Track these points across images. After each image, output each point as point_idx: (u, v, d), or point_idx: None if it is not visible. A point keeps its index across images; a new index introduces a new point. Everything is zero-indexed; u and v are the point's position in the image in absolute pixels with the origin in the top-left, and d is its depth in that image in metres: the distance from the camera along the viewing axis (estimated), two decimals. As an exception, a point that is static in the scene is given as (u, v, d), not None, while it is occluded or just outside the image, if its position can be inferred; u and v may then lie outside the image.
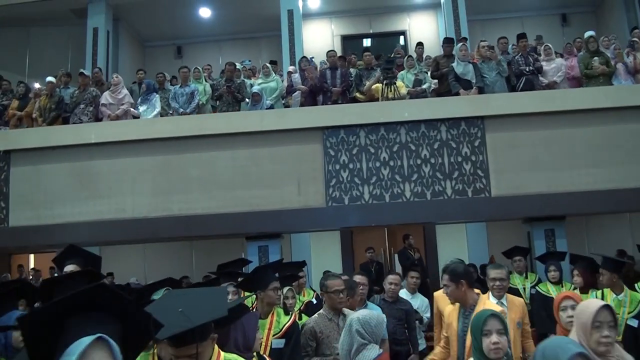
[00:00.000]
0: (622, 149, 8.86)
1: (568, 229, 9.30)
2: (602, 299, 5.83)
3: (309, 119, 9.00)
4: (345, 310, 4.71)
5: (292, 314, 4.83)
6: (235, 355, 3.05)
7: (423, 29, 16.17)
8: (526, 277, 8.05)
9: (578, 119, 8.93)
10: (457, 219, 9.17)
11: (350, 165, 8.96)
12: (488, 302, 4.49)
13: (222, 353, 2.92)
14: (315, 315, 4.73)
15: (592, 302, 3.08)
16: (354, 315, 3.68)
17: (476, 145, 8.95)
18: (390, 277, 6.83)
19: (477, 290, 4.62)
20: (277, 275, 4.84)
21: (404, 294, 7.23)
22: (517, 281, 7.88)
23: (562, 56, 10.96)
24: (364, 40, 16.74)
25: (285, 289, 5.59)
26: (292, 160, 8.99)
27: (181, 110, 10.15)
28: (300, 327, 5.18)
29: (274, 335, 4.56)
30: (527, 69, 10.28)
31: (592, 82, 9.91)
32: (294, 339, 4.60)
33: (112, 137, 9.27)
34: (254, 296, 4.70)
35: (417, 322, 7.08)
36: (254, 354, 3.53)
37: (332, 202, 8.87)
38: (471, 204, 8.77)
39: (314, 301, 7.26)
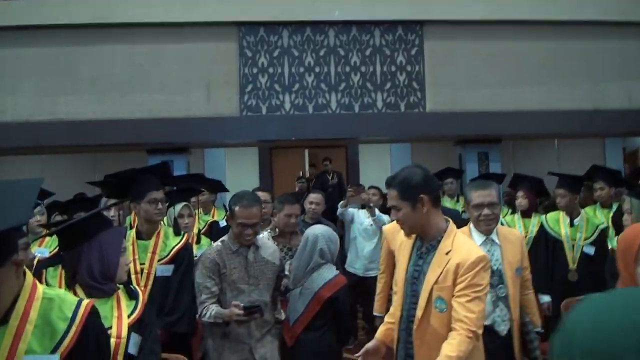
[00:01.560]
0: (567, 67, 8.18)
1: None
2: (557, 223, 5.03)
3: (223, 11, 7.69)
4: (260, 241, 3.68)
5: (183, 235, 3.73)
6: (61, 291, 1.99)
7: None
8: (457, 201, 7.32)
9: (524, 31, 8.15)
10: (388, 135, 8.23)
11: (270, 70, 7.85)
12: (468, 243, 2.74)
13: (39, 286, 1.83)
14: (218, 243, 3.61)
15: None
16: (317, 232, 3.76)
17: (413, 54, 7.99)
18: (312, 196, 5.89)
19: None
20: (163, 186, 3.70)
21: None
22: (448, 205, 7.07)
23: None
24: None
25: (179, 206, 4.46)
26: (201, 60, 7.75)
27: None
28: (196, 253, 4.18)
29: (159, 261, 3.57)
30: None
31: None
32: (184, 265, 3.62)
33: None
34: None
35: None
36: (119, 285, 2.46)
37: (247, 111, 7.77)
38: (404, 119, 7.89)
39: (224, 223, 6.15)
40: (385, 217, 6.13)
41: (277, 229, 4.50)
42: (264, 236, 4.29)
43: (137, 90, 7.66)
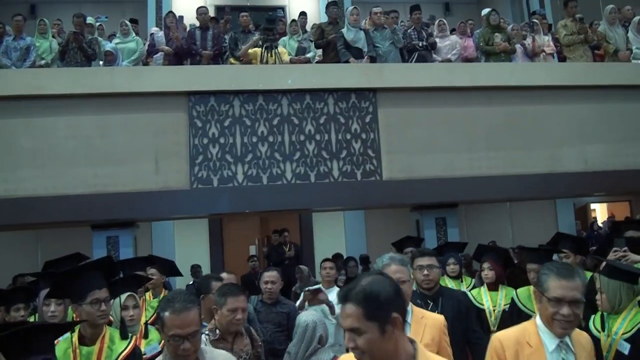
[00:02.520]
0: (523, 132, 8.24)
1: (448, 218, 8.59)
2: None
3: (172, 80, 7.43)
4: (205, 355, 2.80)
5: (131, 339, 3.34)
6: None
7: (304, 5, 14.93)
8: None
9: (479, 97, 8.21)
10: (345, 205, 8.04)
11: (222, 140, 7.56)
12: None
13: None
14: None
15: None
16: (315, 319, 3.86)
17: (367, 121, 7.88)
18: (267, 275, 5.57)
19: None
20: (104, 278, 3.31)
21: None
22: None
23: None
24: (241, 14, 15.20)
25: (124, 296, 4.04)
26: (150, 131, 7.41)
27: (13, 68, 8.21)
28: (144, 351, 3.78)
29: (104, 370, 3.13)
30: (421, 44, 9.37)
31: (492, 60, 9.11)
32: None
33: None
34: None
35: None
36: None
37: (198, 184, 7.44)
38: (360, 188, 7.69)
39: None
40: None
41: (217, 330, 3.72)
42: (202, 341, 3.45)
43: (81, 163, 7.25)
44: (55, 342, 3.54)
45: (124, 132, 7.36)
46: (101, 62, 8.86)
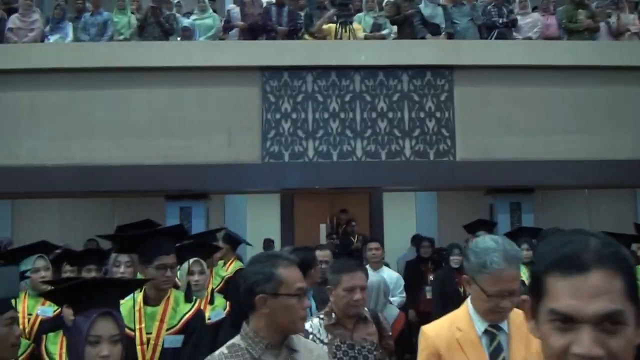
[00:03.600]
0: (605, 114, 7.81)
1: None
2: None
3: (246, 55, 7.49)
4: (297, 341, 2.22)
5: (195, 302, 3.35)
6: None
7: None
8: None
9: (560, 76, 7.84)
10: (416, 184, 7.87)
11: (294, 115, 7.57)
12: None
13: None
14: (224, 350, 2.23)
15: None
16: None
17: (442, 99, 7.69)
18: (319, 254, 4.63)
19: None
20: (173, 244, 3.34)
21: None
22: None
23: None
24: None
25: (191, 261, 4.07)
26: (223, 105, 7.50)
27: (93, 43, 8.43)
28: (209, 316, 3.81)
29: (168, 330, 3.17)
30: (501, 21, 8.97)
31: (575, 38, 8.67)
32: (195, 336, 3.21)
33: (5, 64, 7.49)
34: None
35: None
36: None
37: (270, 158, 7.48)
38: (433, 168, 7.54)
39: (239, 277, 5.75)
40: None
41: (333, 314, 3.15)
42: (313, 326, 3.12)
43: (155, 135, 7.42)
44: (121, 301, 3.65)
45: (197, 106, 7.48)
46: (178, 38, 8.99)
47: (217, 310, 4.07)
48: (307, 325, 2.92)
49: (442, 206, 11.76)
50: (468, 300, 2.42)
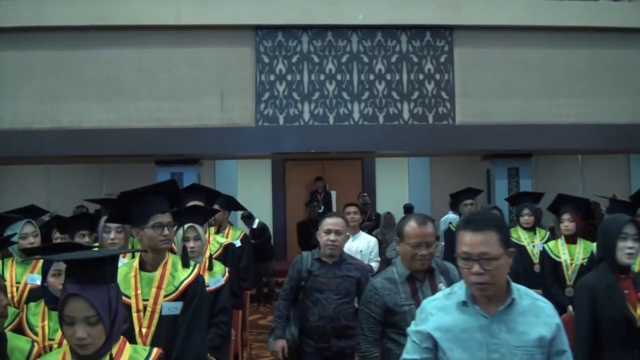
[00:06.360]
0: (606, 77, 7.68)
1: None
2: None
3: (239, 13, 7.20)
4: None
5: (194, 267, 3.17)
6: None
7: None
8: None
9: (562, 38, 7.68)
10: (414, 149, 7.75)
11: (288, 77, 7.38)
12: None
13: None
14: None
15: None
16: None
17: (442, 61, 7.53)
18: (329, 222, 3.92)
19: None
20: (167, 202, 3.13)
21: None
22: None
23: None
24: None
25: (185, 227, 3.86)
26: (215, 66, 7.29)
27: None
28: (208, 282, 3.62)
29: (166, 297, 3.00)
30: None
31: (577, -1, 8.45)
32: (195, 302, 3.04)
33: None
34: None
35: None
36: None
37: (264, 121, 7.31)
38: (432, 131, 7.37)
39: (238, 244, 5.55)
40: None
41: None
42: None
43: (145, 97, 7.20)
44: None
45: (189, 67, 7.27)
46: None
47: (216, 277, 3.91)
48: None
49: (435, 173, 11.69)
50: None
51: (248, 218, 9.12)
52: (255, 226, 9.11)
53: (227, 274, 3.98)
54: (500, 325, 2.07)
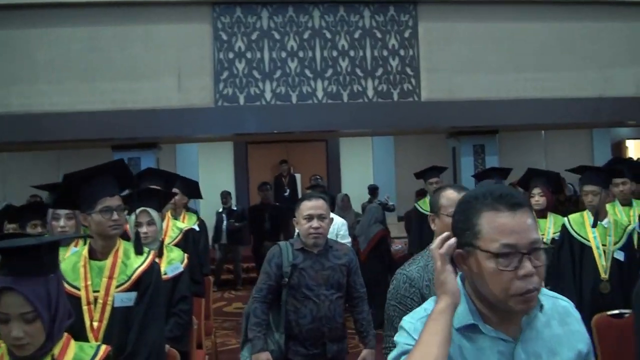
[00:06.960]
0: (574, 51, 7.64)
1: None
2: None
3: (195, -12, 6.91)
4: None
5: (148, 254, 2.94)
6: None
7: None
8: None
9: (528, 11, 7.65)
10: (379, 127, 7.62)
11: (248, 55, 7.17)
12: None
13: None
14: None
15: None
16: None
17: (406, 36, 7.40)
18: (308, 206, 3.42)
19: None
20: (116, 185, 2.89)
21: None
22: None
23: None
24: None
25: (137, 211, 3.61)
26: (172, 44, 7.02)
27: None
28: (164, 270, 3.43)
29: (118, 287, 2.79)
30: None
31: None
32: (150, 292, 2.83)
33: None
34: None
35: None
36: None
37: (224, 102, 7.11)
38: (397, 109, 7.23)
39: (196, 228, 5.32)
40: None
41: None
42: None
43: (99, 77, 6.90)
44: (65, 255, 3.20)
45: (144, 45, 7.00)
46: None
47: (174, 264, 3.67)
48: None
49: (400, 153, 11.60)
50: None
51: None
52: (235, 207, 9.44)
53: (185, 260, 3.75)
54: (527, 348, 1.42)
